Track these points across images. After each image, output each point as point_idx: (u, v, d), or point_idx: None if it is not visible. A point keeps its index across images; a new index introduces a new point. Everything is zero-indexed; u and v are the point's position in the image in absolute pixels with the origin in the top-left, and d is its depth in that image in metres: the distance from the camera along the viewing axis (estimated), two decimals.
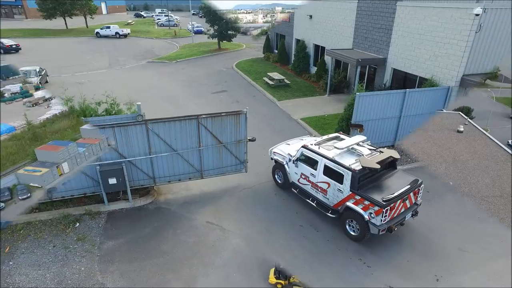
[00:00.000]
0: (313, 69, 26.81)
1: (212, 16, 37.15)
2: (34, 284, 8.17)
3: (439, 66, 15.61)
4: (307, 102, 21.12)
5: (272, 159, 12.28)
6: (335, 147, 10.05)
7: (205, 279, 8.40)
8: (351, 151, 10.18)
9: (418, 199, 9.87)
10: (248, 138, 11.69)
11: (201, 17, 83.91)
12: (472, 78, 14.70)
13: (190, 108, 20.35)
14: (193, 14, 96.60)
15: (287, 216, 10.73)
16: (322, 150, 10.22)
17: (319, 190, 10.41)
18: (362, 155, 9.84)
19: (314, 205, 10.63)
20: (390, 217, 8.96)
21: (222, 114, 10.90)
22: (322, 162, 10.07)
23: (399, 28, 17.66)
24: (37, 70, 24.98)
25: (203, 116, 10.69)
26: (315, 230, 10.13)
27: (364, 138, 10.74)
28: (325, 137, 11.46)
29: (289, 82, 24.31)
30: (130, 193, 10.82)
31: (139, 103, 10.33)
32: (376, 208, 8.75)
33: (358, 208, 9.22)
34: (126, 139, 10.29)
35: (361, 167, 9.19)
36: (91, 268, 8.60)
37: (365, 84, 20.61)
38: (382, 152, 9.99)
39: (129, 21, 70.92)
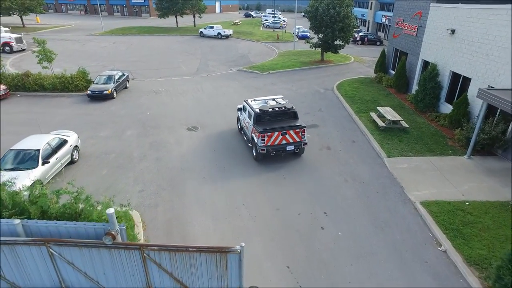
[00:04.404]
0: (445, 107, 18.88)
1: (319, 21, 31.28)
2: None
3: None
4: (432, 165, 13.87)
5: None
6: (254, 100, 15.55)
7: None
8: (265, 102, 15.03)
9: (303, 139, 13.87)
10: None
11: (304, 16, 78.49)
12: None
13: None
14: (303, 16, 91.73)
15: None
16: (251, 102, 15.18)
17: (246, 127, 15.21)
18: (267, 104, 14.68)
19: (246, 140, 15.42)
20: (270, 143, 13.40)
21: (190, 249, 5.57)
22: (247, 109, 14.99)
23: None
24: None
25: (153, 248, 5.60)
26: None
27: (281, 96, 16.15)
28: (265, 97, 16.16)
29: (407, 126, 17.10)
30: None
31: (112, 210, 5.48)
32: (258, 133, 13.27)
33: (254, 136, 13.76)
34: (17, 265, 6.02)
35: (259, 110, 13.98)
36: None
37: None
38: (281, 104, 14.51)
39: (236, 21, 69.91)
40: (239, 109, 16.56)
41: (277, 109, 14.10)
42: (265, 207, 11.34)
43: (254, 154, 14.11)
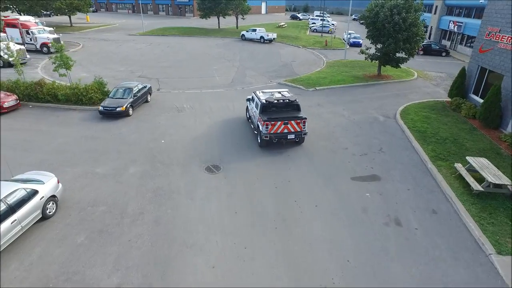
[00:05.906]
0: None
1: (378, 29, 26.00)
2: None
3: None
4: None
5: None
6: (262, 92, 16.75)
7: None
8: (271, 94, 16.17)
9: (303, 129, 14.99)
10: None
11: (362, 23, 71.98)
12: None
13: (298, 227, 10.78)
14: (354, 19, 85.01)
15: None
16: (259, 94, 16.36)
17: (253, 116, 16.52)
18: (272, 96, 15.92)
19: (253, 128, 16.73)
20: (273, 131, 14.58)
21: None
22: (255, 99, 16.24)
23: None
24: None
25: None
26: None
27: (286, 90, 17.48)
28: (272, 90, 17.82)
29: None
30: None
31: None
32: (262, 122, 14.49)
33: (260, 124, 14.97)
34: None
35: (265, 101, 15.17)
36: None
37: None
38: (286, 97, 15.74)
39: (281, 24, 65.45)
40: (248, 100, 18.06)
41: (281, 101, 15.43)
42: None
43: (259, 141, 15.46)
